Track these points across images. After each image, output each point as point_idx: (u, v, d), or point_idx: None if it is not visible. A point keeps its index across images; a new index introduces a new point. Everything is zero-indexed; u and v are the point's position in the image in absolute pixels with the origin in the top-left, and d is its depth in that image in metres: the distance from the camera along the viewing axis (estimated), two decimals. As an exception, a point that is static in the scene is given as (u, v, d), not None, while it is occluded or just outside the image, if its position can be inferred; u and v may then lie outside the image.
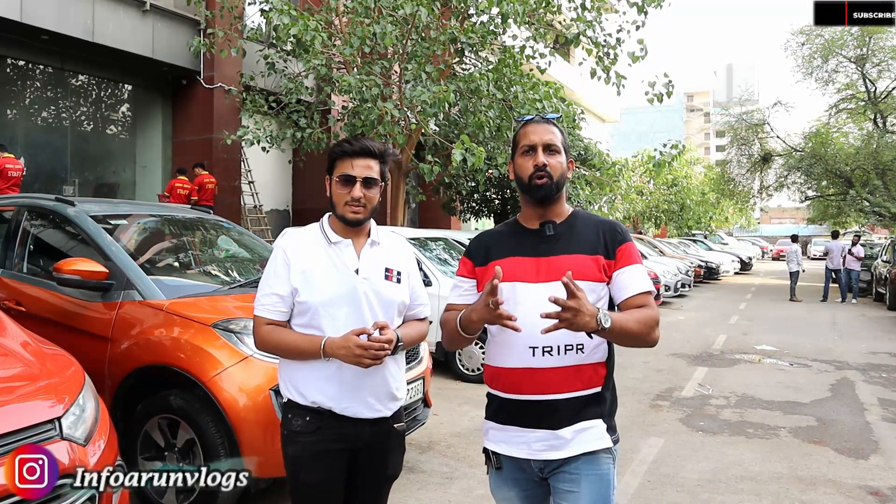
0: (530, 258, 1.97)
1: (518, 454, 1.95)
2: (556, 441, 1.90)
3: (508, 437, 1.97)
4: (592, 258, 1.94)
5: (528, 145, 1.99)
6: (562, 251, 1.95)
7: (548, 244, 1.98)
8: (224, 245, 5.31)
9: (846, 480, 4.50)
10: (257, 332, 2.15)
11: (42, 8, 9.96)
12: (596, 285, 1.93)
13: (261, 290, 2.15)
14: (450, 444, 5.06)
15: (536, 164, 1.96)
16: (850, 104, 24.99)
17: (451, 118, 12.07)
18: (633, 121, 71.74)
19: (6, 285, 4.20)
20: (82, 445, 2.31)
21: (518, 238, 2.03)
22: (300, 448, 2.12)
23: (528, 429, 1.93)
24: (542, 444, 1.92)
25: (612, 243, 1.97)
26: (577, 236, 1.98)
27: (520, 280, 1.94)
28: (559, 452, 1.90)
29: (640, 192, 32.27)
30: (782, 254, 40.12)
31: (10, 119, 11.06)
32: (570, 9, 11.60)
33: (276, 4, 9.53)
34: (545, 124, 2.02)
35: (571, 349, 1.90)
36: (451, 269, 7.97)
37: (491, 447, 2.03)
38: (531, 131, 2.00)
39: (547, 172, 1.96)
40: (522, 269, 1.95)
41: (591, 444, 1.90)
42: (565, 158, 2.01)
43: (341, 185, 2.12)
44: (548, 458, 1.92)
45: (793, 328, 12.11)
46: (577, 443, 1.90)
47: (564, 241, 1.97)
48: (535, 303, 1.86)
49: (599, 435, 1.92)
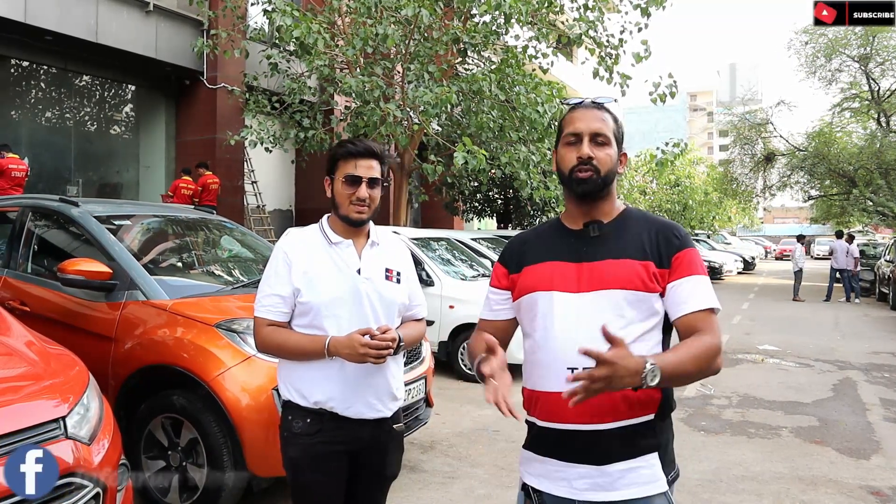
0: (571, 263, 1.70)
1: (558, 492, 1.67)
2: (601, 479, 1.63)
3: (547, 470, 1.70)
4: (642, 264, 1.65)
5: (572, 133, 1.71)
6: (607, 255, 1.68)
7: (592, 247, 1.70)
8: (227, 245, 5.33)
9: (847, 480, 4.51)
10: (258, 333, 2.15)
11: (45, 8, 9.99)
12: (646, 296, 1.64)
13: (261, 292, 2.16)
14: (451, 444, 5.08)
15: (580, 156, 1.69)
16: (854, 103, 24.93)
17: (454, 118, 12.08)
18: (636, 120, 71.75)
19: (11, 285, 4.22)
20: (87, 444, 2.33)
21: (558, 239, 1.76)
22: (300, 450, 2.13)
23: (569, 463, 1.65)
24: (585, 483, 1.64)
25: (666, 249, 1.68)
26: (625, 238, 1.70)
27: (557, 289, 1.68)
28: (605, 494, 1.63)
29: (643, 191, 32.27)
30: (786, 253, 40.09)
31: (14, 119, 11.10)
32: (573, 9, 11.60)
33: (278, 5, 9.55)
34: (595, 110, 1.74)
35: None
36: (454, 269, 7.99)
37: (531, 482, 1.74)
38: (578, 117, 1.72)
39: (593, 166, 1.68)
40: (561, 277, 1.69)
41: (643, 489, 1.62)
42: (616, 151, 1.73)
43: (346, 186, 2.13)
44: (592, 499, 1.63)
45: (795, 328, 12.10)
46: (627, 484, 1.62)
47: (611, 243, 1.70)
48: (577, 316, 1.64)
49: (653, 476, 1.64)
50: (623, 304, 1.63)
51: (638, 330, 1.63)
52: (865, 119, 24.62)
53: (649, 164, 28.18)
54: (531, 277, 1.72)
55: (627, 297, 1.63)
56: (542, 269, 1.71)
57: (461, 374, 7.27)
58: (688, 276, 1.65)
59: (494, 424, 5.53)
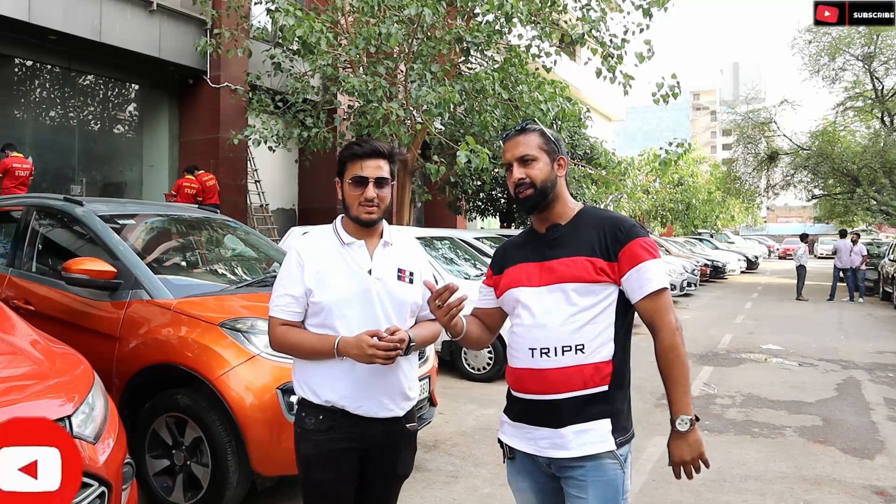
0: (535, 263, 2.02)
1: (527, 449, 2.01)
2: (558, 440, 1.93)
3: (519, 432, 2.04)
4: (589, 260, 1.94)
5: (505, 164, 2.06)
6: (562, 254, 1.98)
7: (552, 248, 2.01)
8: (231, 244, 5.33)
9: (851, 480, 4.50)
10: (272, 332, 2.18)
11: (50, 8, 10.01)
12: (594, 286, 1.93)
13: (275, 292, 2.18)
14: (455, 443, 5.08)
15: (513, 181, 2.02)
16: (858, 102, 24.85)
17: (457, 118, 12.08)
18: (639, 119, 71.58)
19: (16, 284, 4.23)
20: (92, 444, 2.33)
21: (528, 244, 2.10)
22: (313, 446, 2.14)
23: (534, 426, 1.98)
24: (546, 442, 1.96)
25: (613, 245, 1.95)
26: (579, 237, 1.99)
27: (523, 285, 2.01)
28: (562, 451, 1.93)
29: (646, 190, 32.19)
30: (789, 252, 39.99)
31: (19, 118, 11.12)
32: (576, 8, 11.59)
33: (281, 5, 9.56)
34: (516, 137, 2.05)
35: (570, 350, 1.92)
36: (458, 269, 7.99)
37: (504, 440, 2.11)
38: (506, 149, 2.06)
39: (527, 183, 2.00)
40: (527, 275, 2.02)
41: (593, 447, 1.91)
42: (548, 160, 2.02)
43: (354, 187, 2.15)
44: (552, 455, 1.95)
45: (799, 328, 12.08)
46: (580, 444, 1.91)
47: (567, 243, 2.00)
48: (537, 306, 1.96)
49: (601, 437, 1.92)
50: (572, 293, 1.93)
51: (589, 315, 1.93)
52: (869, 118, 24.55)
53: (652, 164, 28.14)
54: (508, 278, 2.07)
55: (577, 289, 1.93)
56: (516, 270, 2.05)
57: (465, 373, 7.27)
58: (635, 266, 1.92)
59: (498, 424, 5.52)
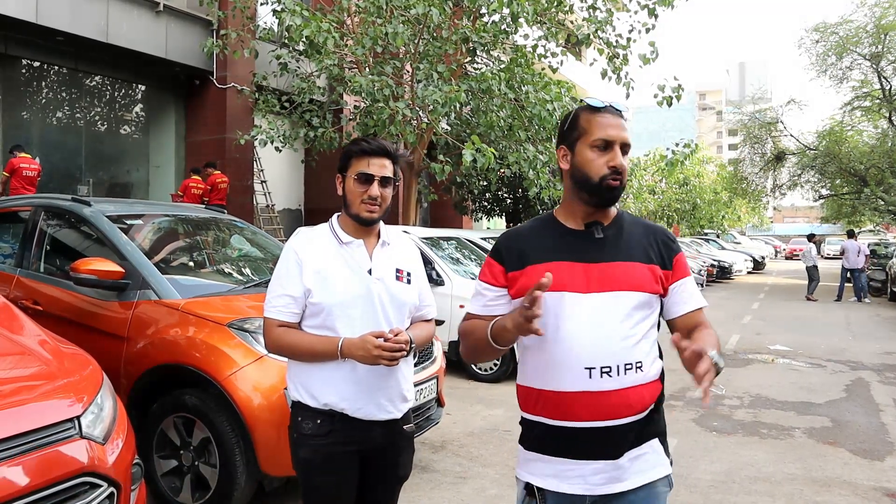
0: (578, 264, 1.70)
1: (572, 490, 1.69)
2: (615, 472, 1.68)
3: (559, 470, 1.70)
4: (649, 267, 1.73)
5: (604, 140, 1.70)
6: (614, 257, 1.71)
7: (597, 249, 1.72)
8: (237, 244, 5.34)
9: (861, 482, 4.47)
10: (269, 334, 2.13)
11: (57, 9, 10.04)
12: (652, 298, 1.73)
13: (272, 292, 2.13)
14: (463, 444, 5.07)
15: (615, 166, 1.70)
16: (865, 102, 24.69)
17: (463, 118, 12.07)
18: (645, 119, 71.50)
19: (24, 285, 4.24)
20: (101, 444, 2.33)
21: (560, 239, 1.75)
22: (311, 451, 2.12)
23: (583, 460, 1.68)
24: (602, 478, 1.67)
25: (667, 252, 1.78)
26: (627, 241, 1.75)
27: (567, 289, 1.67)
28: (620, 485, 1.68)
29: (653, 191, 32.18)
30: (796, 253, 39.87)
31: (26, 119, 11.16)
32: (582, 8, 11.57)
33: (288, 5, 9.56)
34: (619, 118, 1.74)
35: (631, 368, 1.66)
36: (464, 269, 7.97)
37: (537, 483, 1.73)
38: (609, 124, 1.71)
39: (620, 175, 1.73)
40: (570, 277, 1.68)
41: (650, 474, 1.72)
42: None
43: (358, 184, 2.12)
44: (607, 492, 1.68)
45: (806, 328, 12.02)
46: (636, 472, 1.70)
47: (615, 245, 1.73)
48: (589, 317, 1.65)
49: (658, 461, 1.74)
50: (633, 304, 1.69)
51: (644, 328, 1.72)
52: (877, 118, 24.39)
53: (658, 164, 28.09)
54: (537, 277, 1.54)
55: (640, 299, 1.69)
56: (549, 269, 1.61)
57: (472, 373, 7.26)
58: (685, 277, 1.80)
59: (505, 424, 5.52)
